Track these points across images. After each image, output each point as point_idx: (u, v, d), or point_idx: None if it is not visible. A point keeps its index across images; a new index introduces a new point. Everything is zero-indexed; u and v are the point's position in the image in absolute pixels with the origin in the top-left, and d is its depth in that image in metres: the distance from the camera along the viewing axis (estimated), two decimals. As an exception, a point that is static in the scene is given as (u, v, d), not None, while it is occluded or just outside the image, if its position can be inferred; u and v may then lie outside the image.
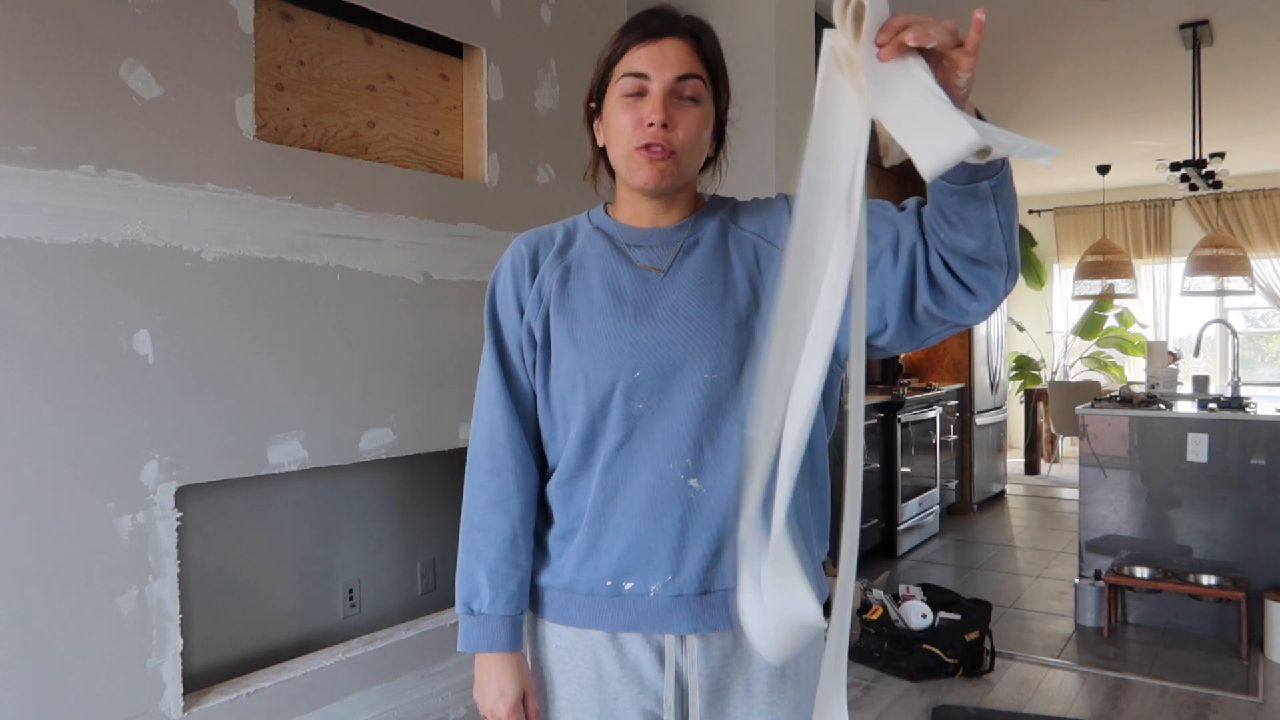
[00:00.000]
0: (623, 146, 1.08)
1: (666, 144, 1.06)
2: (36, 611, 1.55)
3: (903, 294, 1.01)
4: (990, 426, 6.37)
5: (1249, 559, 3.53)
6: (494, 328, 1.17)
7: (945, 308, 1.00)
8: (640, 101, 1.07)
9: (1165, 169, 5.11)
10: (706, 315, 1.09)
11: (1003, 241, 0.94)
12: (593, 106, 1.14)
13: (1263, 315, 8.15)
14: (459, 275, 2.30)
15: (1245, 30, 4.38)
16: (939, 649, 3.12)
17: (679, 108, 1.07)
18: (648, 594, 1.09)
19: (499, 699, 1.15)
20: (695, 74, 1.07)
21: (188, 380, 1.76)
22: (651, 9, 1.10)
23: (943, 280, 0.98)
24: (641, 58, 1.06)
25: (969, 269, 0.96)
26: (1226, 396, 3.87)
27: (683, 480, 1.07)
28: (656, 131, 1.05)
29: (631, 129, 1.07)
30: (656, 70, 1.06)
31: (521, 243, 1.18)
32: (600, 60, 1.11)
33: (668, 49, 1.06)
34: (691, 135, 1.08)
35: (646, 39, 1.07)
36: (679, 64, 1.06)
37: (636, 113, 1.06)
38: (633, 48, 1.07)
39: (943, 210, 0.94)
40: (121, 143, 1.66)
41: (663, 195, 1.12)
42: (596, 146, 1.16)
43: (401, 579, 2.38)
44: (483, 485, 1.18)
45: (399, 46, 2.27)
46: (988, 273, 0.96)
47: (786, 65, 3.17)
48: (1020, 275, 1.12)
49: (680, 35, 1.07)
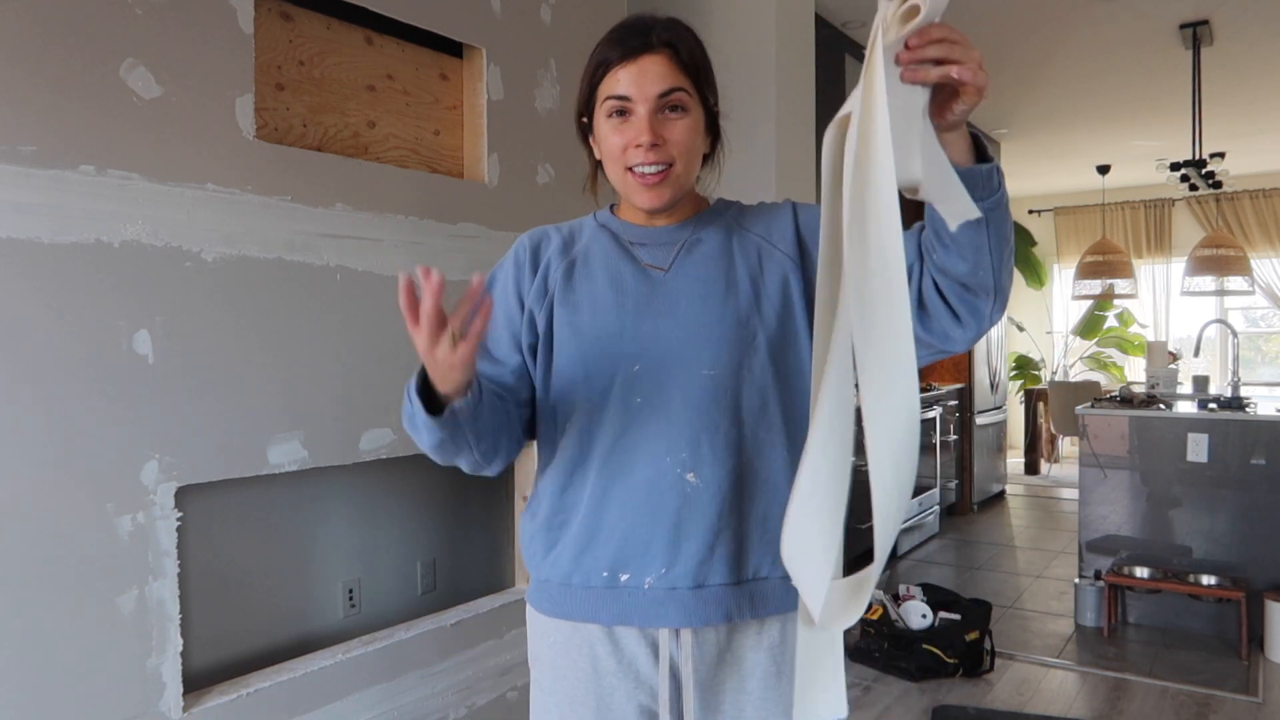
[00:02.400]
0: (616, 168, 1.10)
1: (660, 160, 1.07)
2: (36, 611, 1.55)
3: None
4: (990, 426, 6.37)
5: (1249, 559, 3.53)
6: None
7: (931, 332, 1.03)
8: (626, 123, 1.08)
9: (1165, 169, 5.11)
10: (707, 312, 1.10)
11: (990, 268, 0.96)
12: (585, 121, 1.16)
13: (1263, 315, 8.15)
14: (459, 275, 2.30)
15: (1245, 30, 4.38)
16: (939, 649, 3.12)
17: (666, 122, 1.07)
18: (642, 586, 1.09)
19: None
20: (678, 87, 1.07)
21: (188, 380, 1.76)
22: (625, 25, 1.10)
23: (931, 304, 1.01)
24: (622, 80, 1.07)
25: (958, 294, 0.99)
26: (1226, 396, 3.87)
27: (679, 474, 1.08)
28: (646, 152, 1.06)
29: (621, 151, 1.08)
30: (638, 91, 1.06)
31: (526, 237, 1.21)
32: (584, 77, 1.12)
33: (646, 67, 1.06)
34: (683, 145, 1.08)
35: (625, 59, 1.07)
36: (659, 80, 1.06)
37: (624, 135, 1.08)
38: (612, 69, 1.08)
39: (936, 229, 0.96)
40: (121, 143, 1.66)
41: (665, 210, 1.14)
42: (594, 158, 1.18)
43: (401, 579, 2.39)
44: None
45: (399, 46, 2.27)
46: (975, 300, 0.99)
47: (786, 65, 3.17)
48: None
49: (657, 50, 1.07)
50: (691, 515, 1.08)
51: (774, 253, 1.14)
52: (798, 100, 3.24)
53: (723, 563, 1.09)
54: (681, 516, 1.08)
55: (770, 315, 1.11)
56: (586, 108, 1.14)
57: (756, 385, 1.10)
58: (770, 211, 1.19)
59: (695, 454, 1.08)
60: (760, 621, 1.13)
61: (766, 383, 1.10)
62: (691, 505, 1.08)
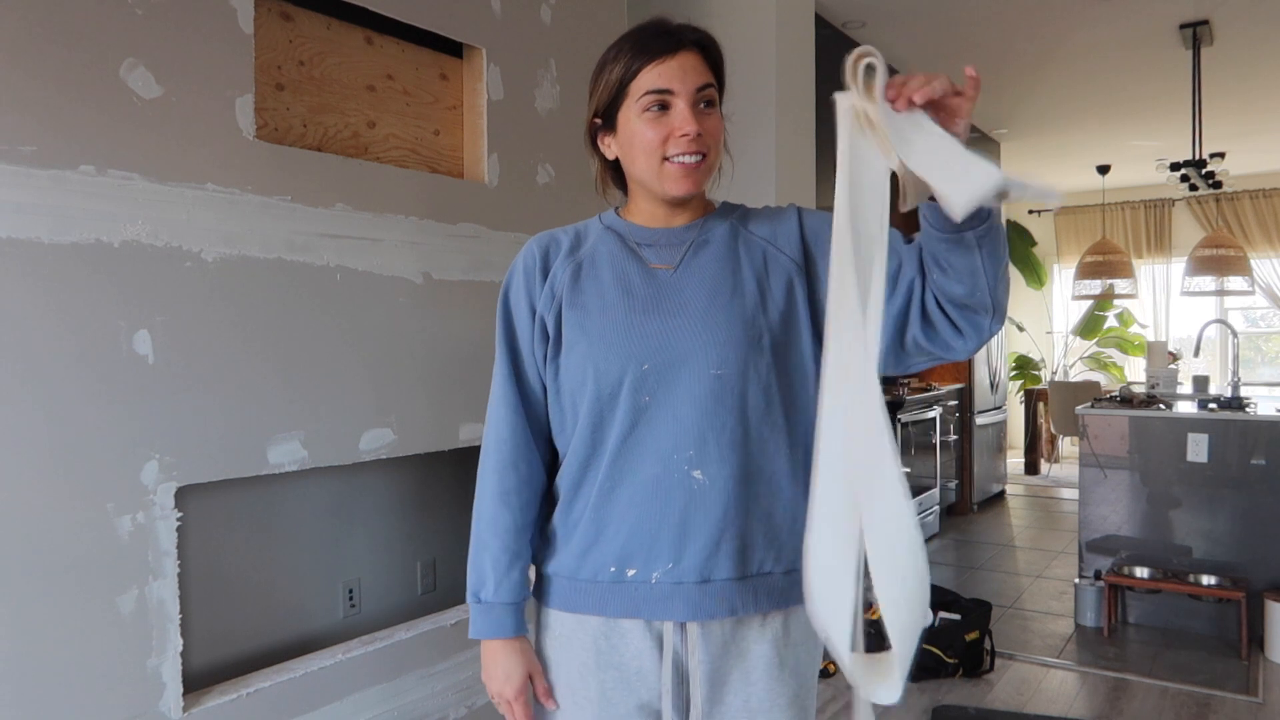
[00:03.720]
0: (651, 160, 1.13)
1: (700, 149, 1.12)
2: (36, 612, 1.55)
3: (896, 322, 1.09)
4: (990, 426, 6.37)
5: (1249, 559, 3.53)
6: (506, 327, 1.22)
7: (933, 341, 1.09)
8: (665, 116, 1.12)
9: (1165, 169, 5.11)
10: (714, 312, 1.13)
11: (987, 289, 1.02)
12: (598, 123, 1.18)
13: (1263, 315, 8.15)
14: (459, 275, 2.30)
15: (1245, 30, 4.38)
16: (939, 649, 3.12)
17: (703, 115, 1.13)
18: (649, 581, 1.12)
19: (505, 682, 1.19)
20: (710, 83, 1.13)
21: (188, 380, 1.76)
22: (651, 26, 1.15)
23: (935, 317, 1.07)
24: (662, 74, 1.11)
25: (958, 311, 1.05)
26: (1226, 396, 3.87)
27: (686, 471, 1.10)
28: (690, 141, 1.11)
29: (659, 143, 1.12)
30: (680, 84, 1.11)
31: (534, 243, 1.23)
32: (609, 81, 1.15)
33: (685, 63, 1.12)
34: (716, 138, 1.14)
35: (663, 56, 1.12)
36: (697, 75, 1.12)
37: (665, 126, 1.11)
38: (649, 66, 1.12)
39: (934, 255, 1.03)
40: (121, 143, 1.66)
41: (692, 199, 1.17)
42: (605, 160, 1.21)
43: (401, 579, 2.39)
44: (489, 481, 1.22)
45: (399, 46, 2.27)
46: (975, 316, 1.05)
47: (786, 65, 3.17)
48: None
49: (691, 48, 1.13)
50: (698, 512, 1.11)
51: (779, 256, 1.17)
52: (798, 100, 3.24)
53: (728, 558, 1.12)
54: (688, 513, 1.11)
55: (775, 317, 1.14)
56: (609, 108, 1.16)
57: (761, 385, 1.12)
58: (775, 215, 1.22)
59: (702, 452, 1.10)
60: (764, 615, 1.15)
61: (770, 383, 1.13)
62: (698, 502, 1.11)
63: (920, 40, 4.53)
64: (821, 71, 3.47)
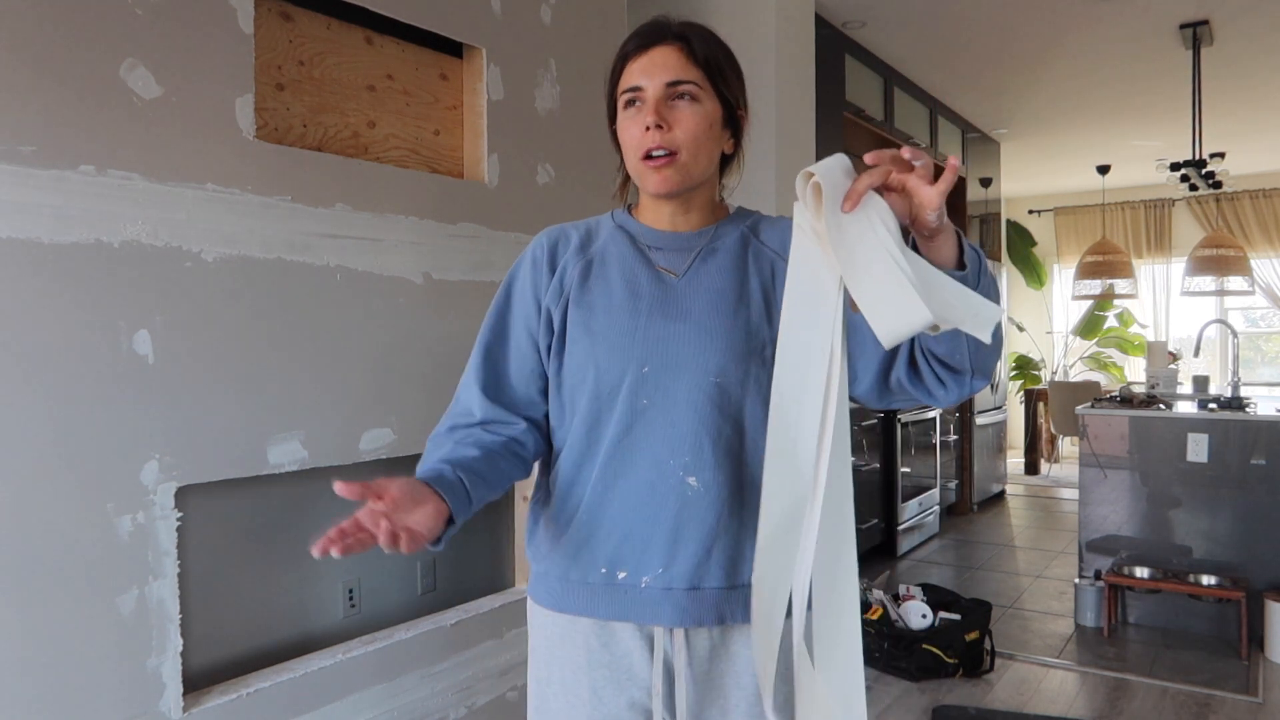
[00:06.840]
0: (634, 159, 1.12)
1: (665, 145, 1.09)
2: (36, 611, 1.55)
3: (882, 362, 1.09)
4: (990, 426, 6.37)
5: (1249, 559, 3.53)
6: (503, 306, 1.21)
7: (916, 386, 1.09)
8: (638, 112, 1.10)
9: (1165, 169, 5.11)
10: (719, 320, 1.12)
11: (968, 355, 1.02)
12: (615, 129, 1.18)
13: (1263, 315, 8.15)
14: (459, 275, 2.30)
15: (1245, 30, 4.38)
16: (939, 649, 3.12)
17: (674, 108, 1.10)
18: (639, 585, 1.12)
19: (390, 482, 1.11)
20: (688, 79, 1.10)
21: (188, 380, 1.76)
22: (643, 25, 1.14)
23: (920, 365, 1.07)
24: (635, 71, 1.11)
25: (941, 367, 1.05)
26: (1226, 396, 3.87)
27: (680, 477, 1.10)
28: (652, 135, 1.08)
29: (635, 140, 1.11)
30: (648, 78, 1.10)
31: (544, 236, 1.22)
32: (608, 81, 1.16)
33: (656, 57, 1.10)
34: (691, 133, 1.10)
35: (638, 52, 1.11)
36: (667, 70, 1.09)
37: (638, 123, 1.10)
38: (628, 63, 1.12)
39: None
40: (121, 143, 1.66)
41: (676, 198, 1.15)
42: (623, 165, 1.20)
43: (401, 579, 2.38)
44: (440, 433, 1.19)
45: (399, 46, 2.27)
46: (957, 374, 1.05)
47: (786, 65, 3.17)
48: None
49: (668, 41, 1.11)
50: (691, 518, 1.10)
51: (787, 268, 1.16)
52: (798, 101, 3.25)
53: (719, 567, 1.11)
54: (681, 519, 1.10)
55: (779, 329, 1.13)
56: (611, 109, 1.17)
57: (761, 395, 1.11)
58: (787, 227, 1.20)
59: (698, 458, 1.10)
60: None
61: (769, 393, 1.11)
62: (691, 508, 1.10)
63: (920, 40, 4.53)
64: (821, 71, 3.47)
